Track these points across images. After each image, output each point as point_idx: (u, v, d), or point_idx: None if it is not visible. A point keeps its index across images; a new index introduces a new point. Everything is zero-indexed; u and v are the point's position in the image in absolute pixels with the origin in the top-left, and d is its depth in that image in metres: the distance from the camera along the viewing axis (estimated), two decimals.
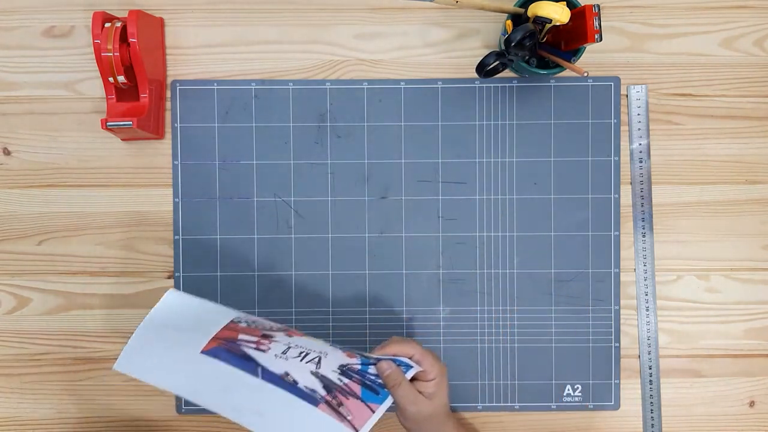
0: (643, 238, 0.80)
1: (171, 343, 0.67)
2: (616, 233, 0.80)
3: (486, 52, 0.72)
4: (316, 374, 0.67)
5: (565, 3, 0.69)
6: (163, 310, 0.68)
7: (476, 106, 0.80)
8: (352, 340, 0.80)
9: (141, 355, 0.66)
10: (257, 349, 0.67)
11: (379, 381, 0.68)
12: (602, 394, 0.80)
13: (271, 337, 0.68)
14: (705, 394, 0.81)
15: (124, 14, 0.73)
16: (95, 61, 0.73)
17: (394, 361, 0.68)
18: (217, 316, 0.69)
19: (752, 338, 0.81)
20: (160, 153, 0.80)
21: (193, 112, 0.80)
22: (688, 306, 0.81)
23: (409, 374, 0.68)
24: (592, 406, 0.80)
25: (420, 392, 0.68)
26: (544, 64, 0.74)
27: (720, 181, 0.80)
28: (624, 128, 0.80)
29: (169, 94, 0.80)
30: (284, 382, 0.66)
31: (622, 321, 0.80)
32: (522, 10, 0.70)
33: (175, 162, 0.80)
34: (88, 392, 0.80)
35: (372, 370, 0.68)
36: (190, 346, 0.66)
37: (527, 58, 0.72)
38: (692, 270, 0.81)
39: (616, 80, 0.80)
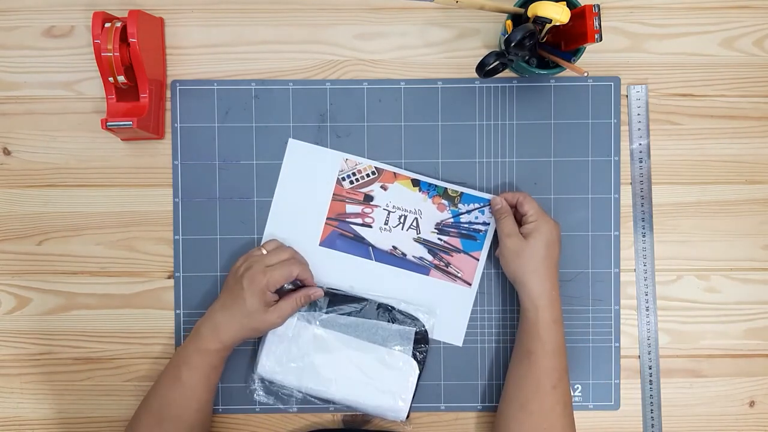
0: (643, 238, 0.80)
1: None
2: (616, 233, 0.80)
3: (486, 52, 0.72)
4: (418, 240, 0.78)
5: (565, 3, 0.69)
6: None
7: (476, 106, 0.80)
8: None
9: None
10: (363, 224, 0.77)
11: (474, 227, 0.78)
12: (602, 394, 0.80)
13: (371, 198, 0.78)
14: (705, 394, 0.81)
15: (124, 14, 0.73)
16: (95, 61, 0.73)
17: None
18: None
19: (752, 338, 0.81)
20: (160, 153, 0.80)
21: (193, 112, 0.80)
22: (688, 306, 0.81)
23: None
24: (592, 406, 0.80)
25: (520, 232, 0.74)
26: (544, 64, 0.74)
27: (720, 181, 0.80)
28: (624, 128, 0.80)
29: (169, 94, 0.80)
30: (395, 258, 0.78)
31: (622, 321, 0.80)
32: (522, 10, 0.70)
33: (175, 162, 0.80)
34: (88, 392, 0.80)
35: (463, 218, 0.78)
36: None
37: (527, 58, 0.72)
38: (692, 270, 0.81)
39: (616, 80, 0.80)
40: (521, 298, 0.74)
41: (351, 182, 0.79)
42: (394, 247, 0.79)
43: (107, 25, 0.73)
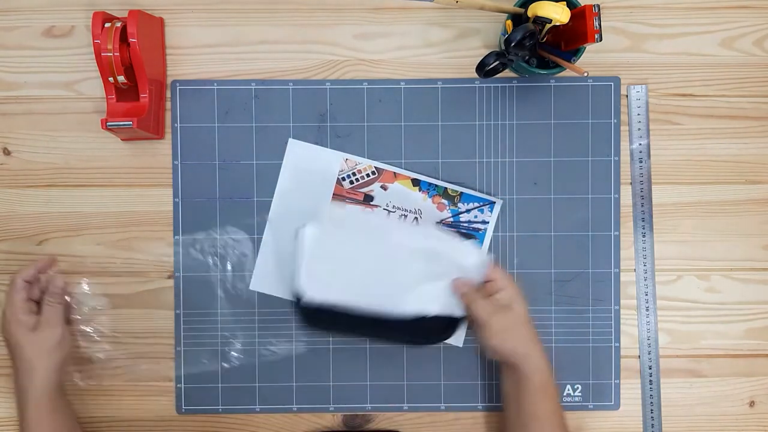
0: (643, 238, 0.80)
1: None
2: (616, 233, 0.80)
3: (486, 52, 0.72)
4: None
5: (565, 3, 0.69)
6: None
7: (476, 106, 0.80)
8: (352, 339, 0.80)
9: None
10: None
11: (473, 226, 0.77)
12: (602, 394, 0.80)
13: (371, 198, 0.77)
14: (705, 394, 0.81)
15: (124, 14, 0.73)
16: (95, 61, 0.73)
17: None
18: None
19: (752, 338, 0.81)
20: (160, 153, 0.80)
21: (193, 112, 0.80)
22: (688, 306, 0.81)
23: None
24: (592, 406, 0.80)
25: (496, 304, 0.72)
26: (544, 64, 0.74)
27: (720, 181, 0.80)
28: (624, 128, 0.80)
29: (169, 94, 0.80)
30: None
31: (622, 321, 0.80)
32: (522, 10, 0.70)
33: (175, 162, 0.80)
34: (88, 392, 0.80)
35: (463, 218, 0.77)
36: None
37: (527, 58, 0.72)
38: (692, 270, 0.81)
39: (616, 80, 0.80)
40: (522, 367, 0.70)
41: (351, 182, 0.79)
42: None
43: (107, 25, 0.73)
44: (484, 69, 0.71)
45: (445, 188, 0.79)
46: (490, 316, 0.71)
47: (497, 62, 0.71)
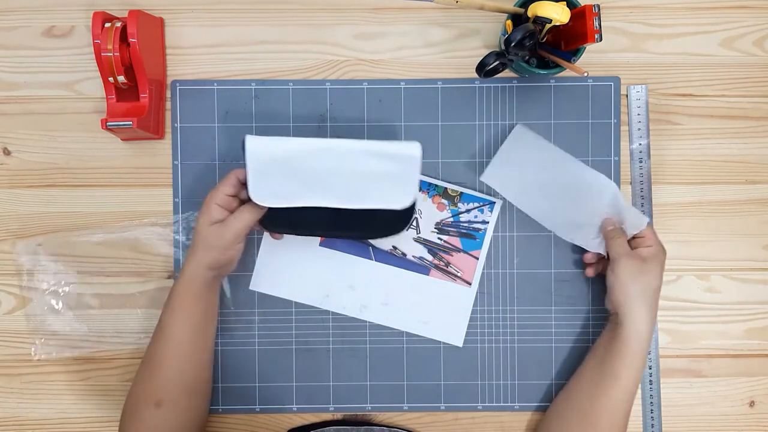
0: None
1: None
2: None
3: (486, 52, 0.72)
4: (418, 240, 0.78)
5: (565, 3, 0.69)
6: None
7: (476, 106, 0.80)
8: (352, 339, 0.80)
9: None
10: None
11: (473, 226, 0.78)
12: None
13: None
14: (705, 394, 0.81)
15: (124, 14, 0.73)
16: (95, 61, 0.73)
17: None
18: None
19: (752, 338, 0.81)
20: (160, 153, 0.80)
21: (193, 112, 0.80)
22: (688, 306, 0.81)
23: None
24: None
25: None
26: (544, 64, 0.74)
27: (720, 181, 0.80)
28: (624, 128, 0.80)
29: (169, 94, 0.80)
30: (395, 258, 0.78)
31: None
32: (522, 10, 0.70)
33: (175, 162, 0.80)
34: (88, 392, 0.80)
35: (463, 218, 0.78)
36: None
37: (527, 58, 0.72)
38: (692, 270, 0.81)
39: (616, 80, 0.80)
40: (624, 323, 0.70)
41: None
42: (394, 246, 0.79)
43: (107, 25, 0.73)
44: (484, 69, 0.71)
45: (445, 188, 0.79)
46: (623, 256, 0.71)
47: (497, 62, 0.71)
